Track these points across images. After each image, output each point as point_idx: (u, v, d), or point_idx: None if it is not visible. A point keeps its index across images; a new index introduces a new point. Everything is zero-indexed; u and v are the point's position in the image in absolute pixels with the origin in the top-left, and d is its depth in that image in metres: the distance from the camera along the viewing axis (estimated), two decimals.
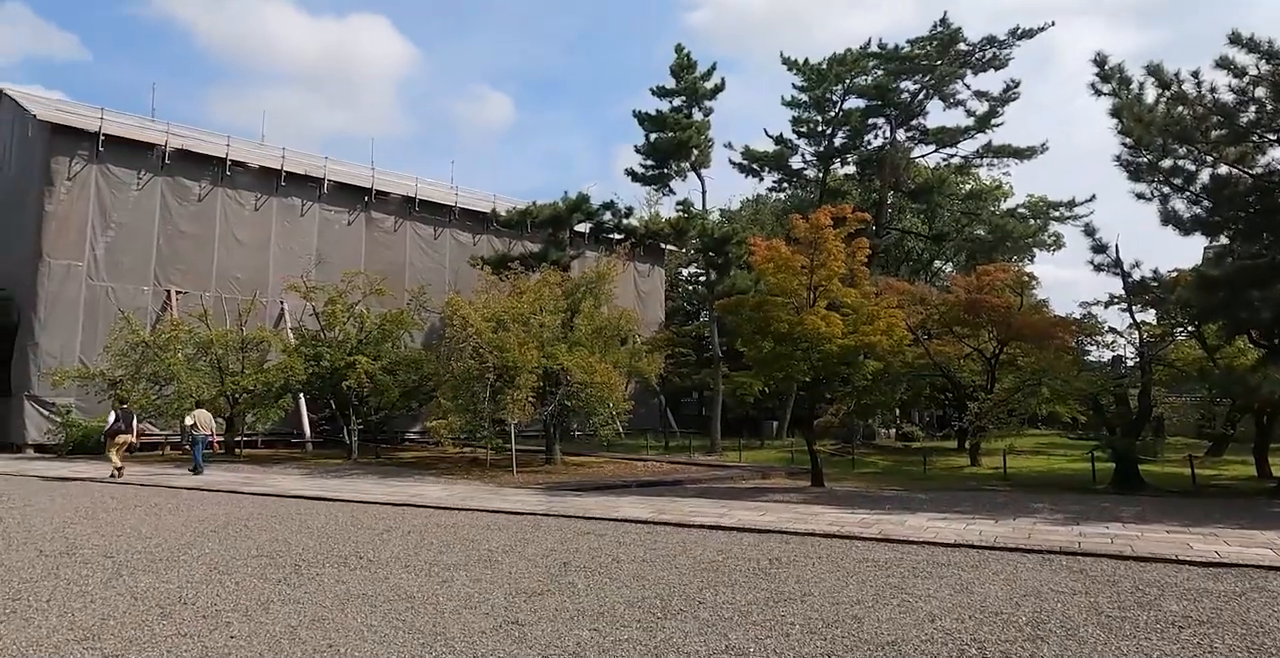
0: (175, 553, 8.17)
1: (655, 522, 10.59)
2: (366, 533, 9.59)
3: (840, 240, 14.96)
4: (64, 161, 25.46)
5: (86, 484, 15.06)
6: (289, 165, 29.70)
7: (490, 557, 8.17)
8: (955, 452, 25.72)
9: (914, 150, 34.43)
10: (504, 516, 11.32)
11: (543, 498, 13.21)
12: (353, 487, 14.88)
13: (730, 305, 15.82)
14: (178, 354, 22.47)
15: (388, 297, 24.87)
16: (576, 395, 20.12)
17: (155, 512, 11.24)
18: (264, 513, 11.27)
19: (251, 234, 28.87)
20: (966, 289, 22.08)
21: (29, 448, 23.88)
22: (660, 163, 28.71)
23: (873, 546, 9.03)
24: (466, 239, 34.27)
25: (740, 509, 11.85)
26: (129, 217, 26.39)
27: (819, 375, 15.51)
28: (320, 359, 21.69)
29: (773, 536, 9.68)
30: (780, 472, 20.16)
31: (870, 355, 15.44)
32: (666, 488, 16.04)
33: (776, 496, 14.35)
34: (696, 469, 20.84)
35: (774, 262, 14.83)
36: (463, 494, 13.70)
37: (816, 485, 15.87)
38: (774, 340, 14.84)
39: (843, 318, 14.83)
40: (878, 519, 10.84)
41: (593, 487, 15.59)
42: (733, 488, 16.16)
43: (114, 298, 25.58)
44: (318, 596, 6.44)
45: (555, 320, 20.05)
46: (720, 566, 7.80)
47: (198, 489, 14.29)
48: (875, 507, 12.60)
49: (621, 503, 12.50)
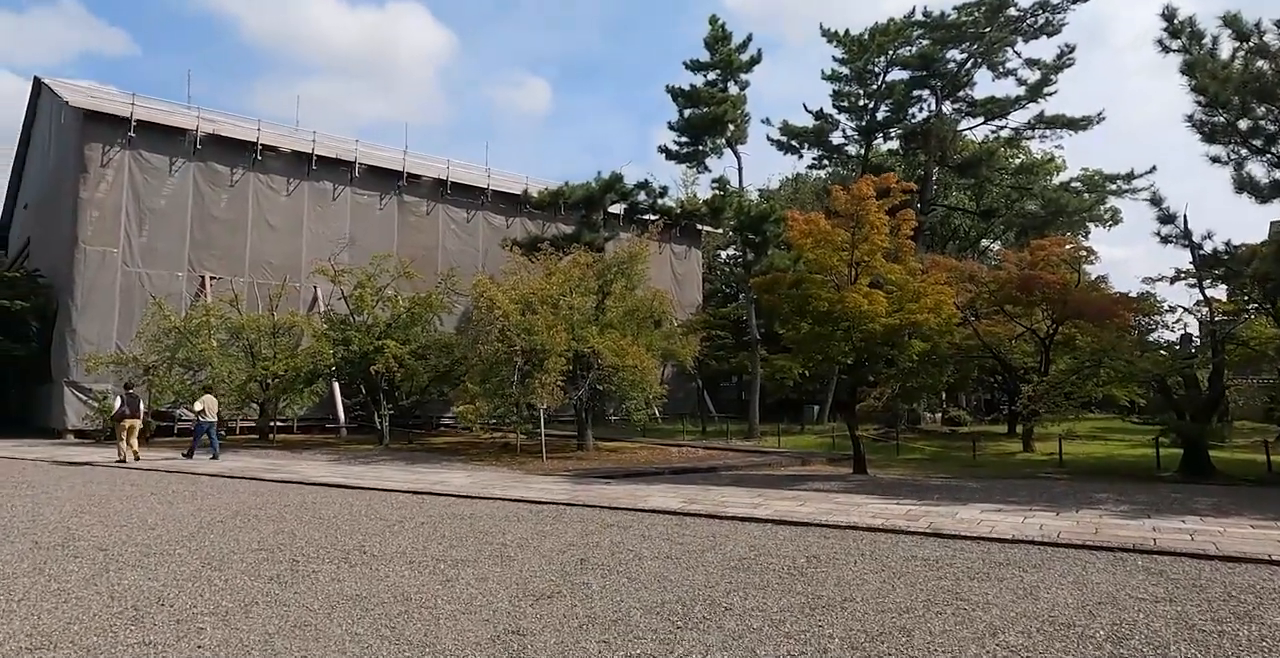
0: (172, 546, 7.73)
1: (684, 513, 9.92)
2: (378, 524, 9.08)
3: (883, 213, 14.01)
4: (97, 148, 25.47)
5: (111, 470, 14.89)
6: (320, 149, 29.45)
7: (503, 552, 7.57)
8: (1005, 437, 24.59)
9: (961, 123, 32.94)
10: (526, 505, 10.75)
11: (569, 486, 12.63)
12: (376, 473, 14.48)
13: (766, 284, 14.99)
14: (210, 340, 22.38)
15: (420, 280, 24.51)
16: (608, 379, 19.50)
17: (169, 500, 10.90)
18: (278, 502, 10.86)
19: (284, 219, 28.73)
20: (1019, 265, 20.86)
21: (69, 433, 24.06)
22: (694, 139, 27.82)
23: (921, 541, 8.24)
24: (499, 222, 33.81)
25: (777, 499, 11.12)
26: (162, 203, 26.38)
27: (861, 357, 14.63)
28: (349, 343, 21.38)
29: (811, 529, 8.94)
30: (821, 458, 19.35)
31: (916, 335, 14.52)
32: (700, 475, 15.36)
33: (816, 484, 13.58)
34: (733, 455, 20.12)
35: (812, 236, 13.95)
36: (487, 482, 13.19)
37: (859, 473, 15.05)
38: (813, 320, 14.01)
39: (886, 296, 13.92)
40: (926, 511, 10.03)
41: (623, 474, 14.98)
42: (770, 475, 15.42)
43: (149, 284, 25.62)
44: (307, 597, 5.90)
45: (586, 302, 19.41)
46: (751, 564, 7.10)
47: (219, 476, 14.00)
48: (922, 496, 11.77)
49: (651, 492, 11.85)
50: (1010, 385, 24.62)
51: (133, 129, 25.74)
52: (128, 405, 16.62)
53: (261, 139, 28.21)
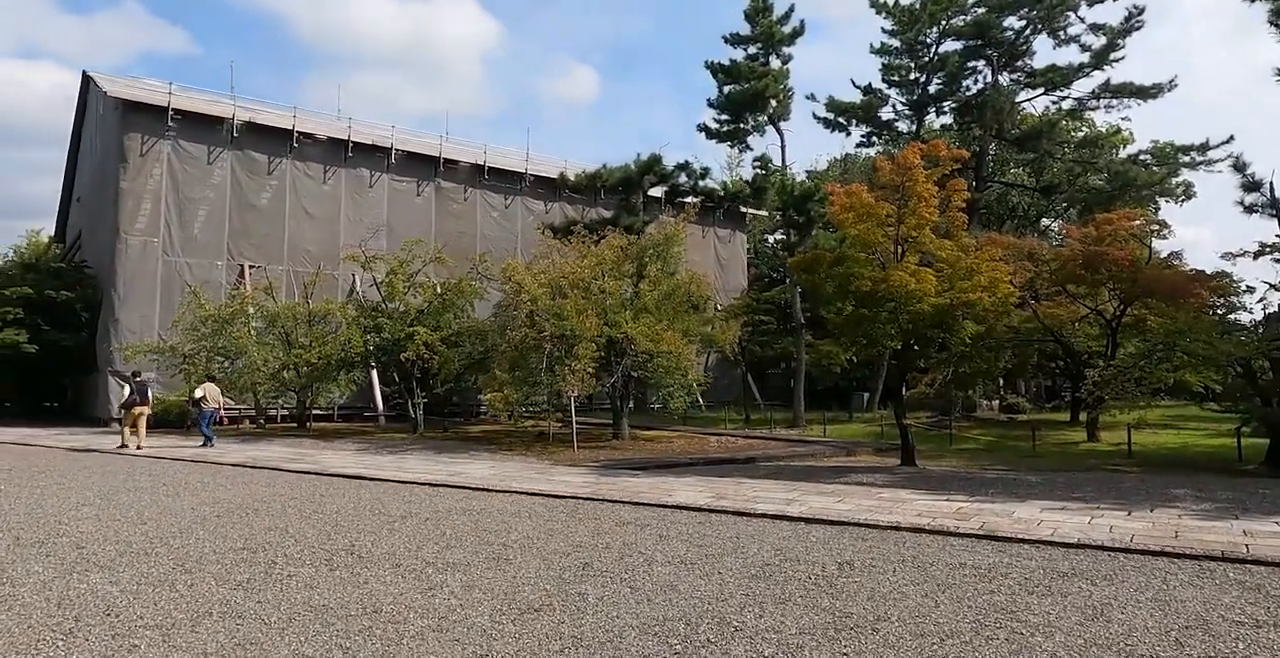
0: (154, 544, 7.24)
1: (710, 509, 9.13)
2: (379, 520, 8.50)
3: (932, 184, 12.91)
4: (137, 138, 25.56)
5: (132, 460, 14.70)
6: (356, 136, 29.22)
7: (502, 554, 6.90)
8: (1068, 425, 23.17)
9: (1019, 94, 31.14)
10: (542, 499, 10.08)
11: (593, 479, 11.93)
12: (398, 464, 13.99)
13: (805, 263, 14.00)
14: (245, 328, 22.27)
15: (455, 266, 24.09)
16: (643, 366, 18.76)
17: (176, 492, 10.52)
18: (287, 494, 10.38)
19: (321, 207, 28.59)
20: (1083, 241, 19.39)
21: (114, 422, 24.27)
22: (735, 116, 26.79)
23: (972, 545, 7.31)
24: (538, 207, 33.25)
25: (813, 494, 10.25)
26: (201, 192, 26.40)
27: (909, 340, 13.59)
28: (380, 331, 21.02)
29: (847, 529, 8.07)
30: (867, 448, 18.33)
31: (969, 317, 13.42)
32: (736, 467, 14.53)
33: (859, 476, 12.64)
34: (775, 445, 19.22)
35: (854, 211, 12.93)
36: (509, 473, 12.57)
37: (907, 465, 14.05)
38: (855, 302, 13.02)
39: (935, 274, 12.85)
40: (978, 508, 9.05)
41: (654, 465, 14.24)
42: (811, 467, 14.51)
43: (189, 273, 25.69)
44: (269, 607, 5.29)
45: (620, 286, 18.66)
46: (775, 572, 6.29)
47: (241, 466, 13.67)
48: (975, 492, 10.77)
49: (678, 485, 11.09)
50: (1073, 371, 23.17)
51: (171, 118, 25.77)
52: (137, 393, 16.61)
53: (298, 127, 28.05)
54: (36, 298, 25.49)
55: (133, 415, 16.49)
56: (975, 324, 13.69)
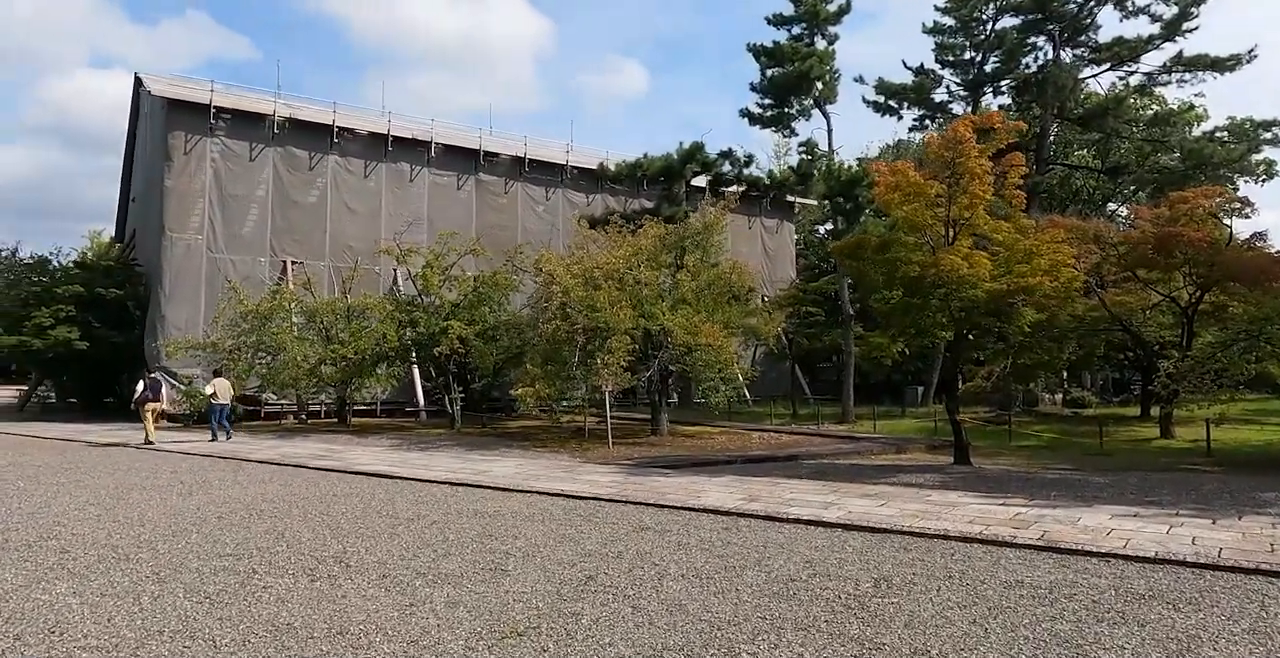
0: (141, 549, 6.83)
1: (739, 513, 8.41)
2: (384, 523, 7.99)
3: (985, 159, 11.89)
4: (180, 136, 25.77)
5: (161, 456, 14.56)
6: (396, 130, 29.09)
7: (501, 563, 6.30)
8: (1138, 421, 21.77)
9: (1082, 70, 29.45)
10: (562, 500, 9.48)
11: (620, 478, 11.30)
12: (425, 461, 13.56)
13: (848, 248, 13.08)
14: (285, 323, 22.23)
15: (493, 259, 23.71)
16: (681, 360, 18.06)
17: (189, 492, 10.21)
18: (300, 494, 9.99)
19: (362, 202, 28.54)
20: (1154, 223, 17.98)
21: (162, 418, 24.55)
22: (779, 100, 25.79)
23: (1030, 558, 6.46)
24: (580, 199, 32.76)
25: (855, 496, 9.43)
26: (245, 189, 26.54)
27: (962, 330, 12.62)
28: (416, 325, 20.71)
29: (889, 538, 7.28)
30: (919, 445, 17.34)
31: (1027, 304, 12.37)
32: (777, 465, 13.74)
33: (907, 476, 11.76)
34: (820, 441, 18.35)
35: (900, 190, 11.99)
36: (534, 472, 12.02)
37: (960, 464, 13.09)
38: (903, 288, 12.10)
39: (991, 258, 11.85)
40: (1039, 515, 8.14)
41: (688, 463, 13.54)
42: (856, 466, 13.64)
43: (233, 270, 25.83)
44: (228, 625, 4.77)
45: (656, 277, 17.96)
46: (801, 589, 5.56)
47: (267, 463, 13.40)
48: (1035, 494, 9.82)
49: (710, 486, 10.38)
50: (1144, 363, 21.70)
51: (213, 116, 25.94)
52: (150, 390, 16.94)
53: (338, 122, 28.05)
54: (88, 296, 25.90)
55: (146, 410, 16.70)
56: (1035, 312, 12.63)
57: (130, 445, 16.40)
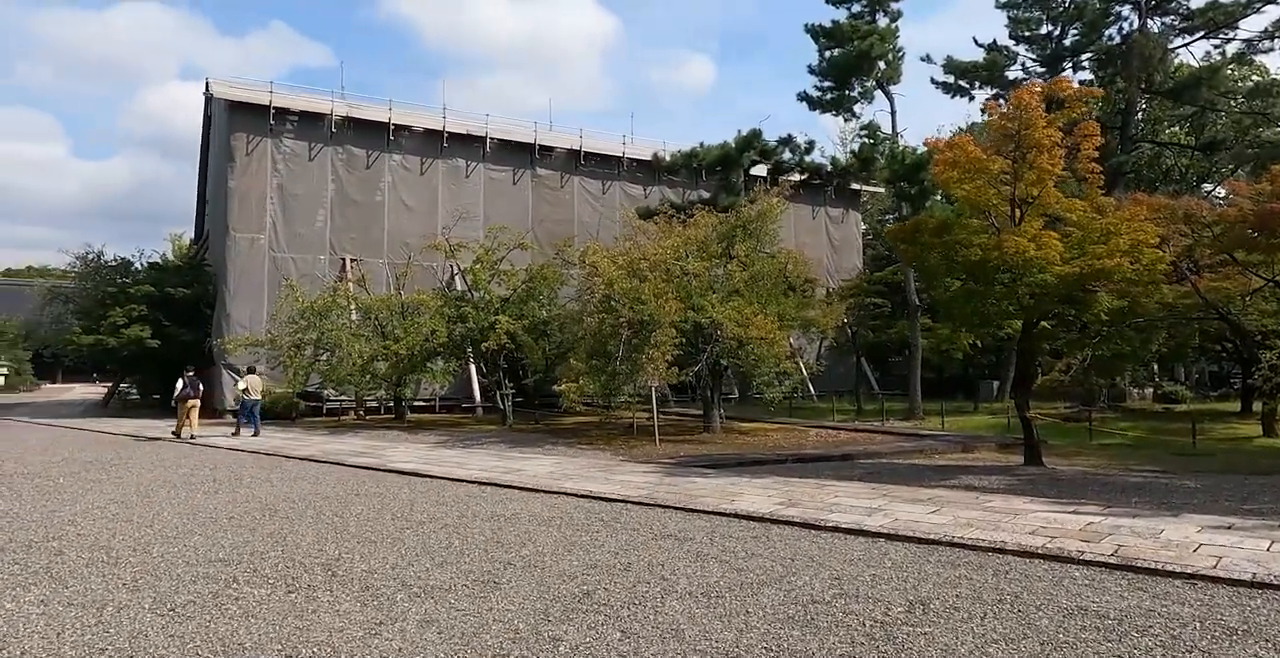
0: (135, 552, 6.57)
1: (773, 520, 7.71)
2: (392, 527, 7.59)
3: (1055, 130, 10.78)
4: (242, 138, 26.25)
5: (212, 451, 14.61)
6: (451, 126, 29.06)
7: (497, 575, 5.78)
8: (1237, 417, 20.02)
9: (1172, 39, 27.31)
10: (588, 502, 8.94)
11: (655, 478, 10.69)
12: (462, 459, 13.22)
13: (904, 232, 12.11)
14: (340, 320, 22.36)
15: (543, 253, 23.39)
16: (732, 353, 17.32)
17: (216, 490, 10.05)
18: (323, 493, 9.71)
19: (419, 199, 28.63)
20: (1254, 199, 16.32)
21: (228, 414, 25.07)
22: (839, 82, 24.63)
23: (1099, 579, 5.59)
24: (637, 191, 32.23)
25: (905, 501, 8.60)
26: (304, 188, 26.88)
27: (1032, 319, 11.53)
28: (465, 320, 20.51)
29: (936, 550, 6.48)
30: (989, 443, 16.20)
31: (1106, 289, 11.21)
32: (829, 465, 12.90)
33: (969, 478, 10.80)
34: (882, 439, 17.35)
35: (959, 167, 11.00)
36: (568, 471, 11.51)
37: (1031, 465, 12.02)
38: (965, 274, 11.11)
39: (1063, 239, 10.76)
40: (1114, 525, 7.19)
41: (734, 462, 12.82)
42: (915, 466, 12.69)
43: (294, 268, 26.21)
44: (175, 643, 4.37)
45: (706, 267, 17.26)
46: (822, 613, 4.86)
47: (308, 460, 13.27)
48: (1113, 500, 8.80)
49: (749, 488, 9.68)
50: (1244, 354, 19.89)
51: (273, 117, 26.33)
52: (190, 387, 17.41)
53: (395, 120, 28.18)
54: (159, 296, 26.67)
55: (185, 407, 17.18)
56: (1114, 299, 11.45)
57: (187, 441, 16.61)
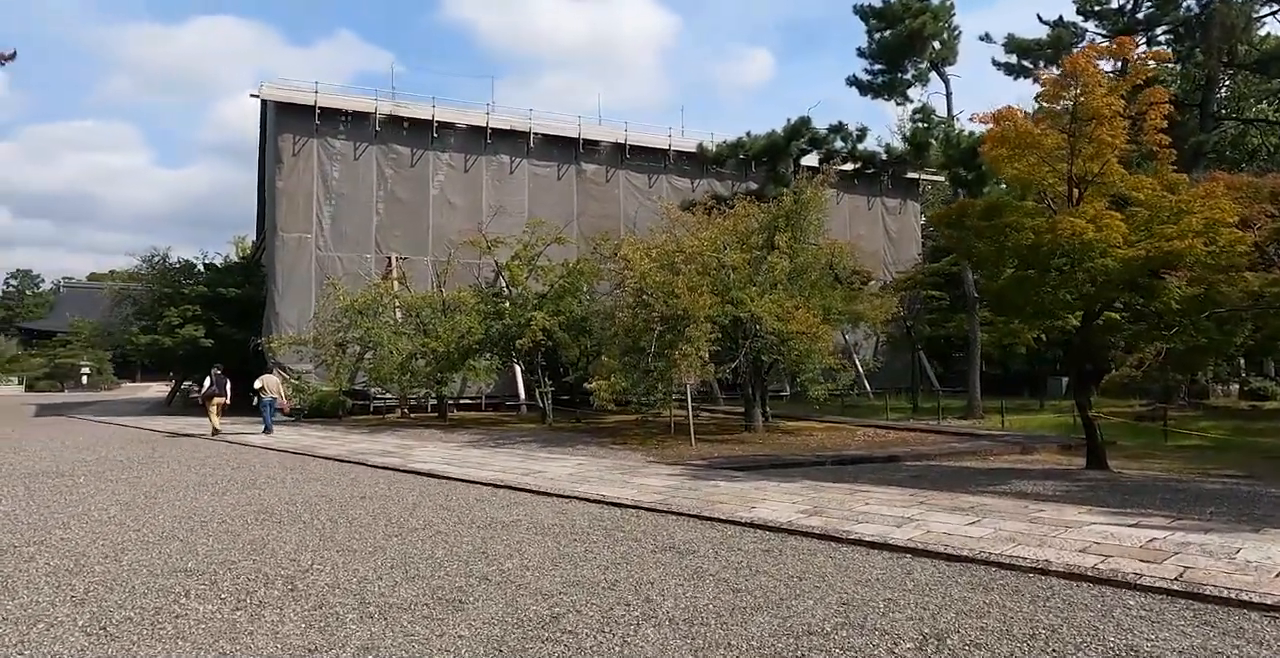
0: (104, 560, 6.26)
1: (792, 530, 7.01)
2: (379, 534, 7.15)
3: (1117, 98, 9.73)
4: (289, 138, 26.50)
5: (241, 450, 14.53)
6: (495, 122, 28.87)
7: (467, 593, 5.25)
8: None
9: (1257, 8, 25.31)
10: (597, 508, 8.37)
11: (678, 481, 10.05)
12: (485, 460, 12.79)
13: (948, 216, 11.14)
14: (380, 318, 22.29)
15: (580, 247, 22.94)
16: (774, 349, 16.54)
17: (223, 491, 9.81)
18: (330, 496, 9.37)
19: (463, 196, 28.51)
20: None
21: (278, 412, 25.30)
22: (891, 65, 23.52)
23: (1158, 609, 4.76)
24: (684, 184, 31.53)
25: (943, 510, 7.78)
26: (349, 187, 27.00)
27: (1093, 308, 10.49)
28: (501, 317, 20.17)
29: (967, 569, 5.71)
30: (1051, 444, 15.07)
31: (1177, 274, 10.10)
32: (871, 467, 12.06)
33: (1022, 484, 9.86)
34: (934, 439, 16.35)
35: (1008, 144, 10.04)
36: (590, 473, 10.96)
37: (1094, 468, 10.99)
38: (1016, 260, 10.15)
39: (1127, 219, 9.72)
40: (1182, 542, 6.28)
41: (769, 464, 12.08)
42: (963, 470, 11.75)
43: (341, 267, 26.34)
44: None
45: (744, 259, 16.50)
46: (816, 648, 4.18)
47: (332, 460, 13.04)
48: (1184, 511, 7.81)
49: (774, 494, 8.96)
50: None
51: (318, 117, 26.48)
52: (216, 385, 17.77)
53: (438, 117, 28.10)
54: (211, 296, 27.16)
55: (212, 405, 17.66)
56: (1189, 286, 10.32)
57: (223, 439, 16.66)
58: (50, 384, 52.88)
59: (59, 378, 53.78)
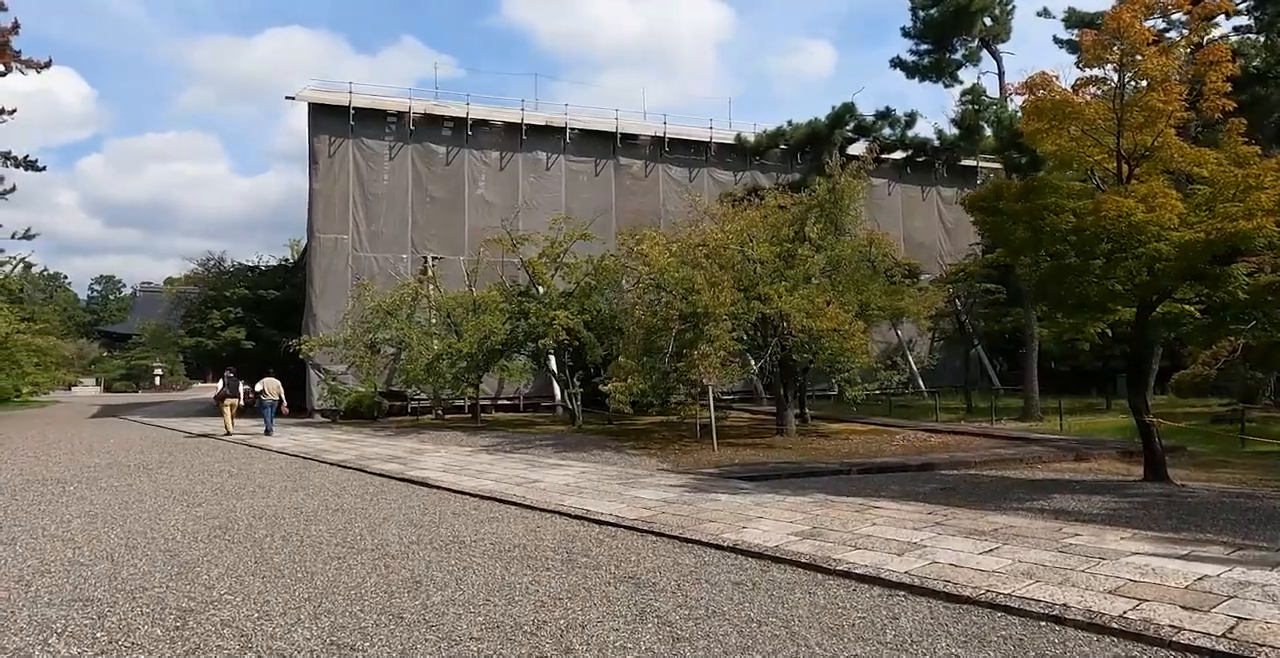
0: (13, 586, 5.79)
1: (776, 557, 6.15)
2: (320, 557, 6.54)
3: (1170, 57, 8.48)
4: (325, 139, 26.45)
5: (252, 453, 14.22)
6: (530, 118, 28.39)
7: (365, 638, 4.57)
8: None
9: None
10: (575, 525, 7.63)
11: (677, 494, 9.21)
12: (487, 468, 12.14)
13: (983, 198, 9.97)
14: (406, 319, 22.00)
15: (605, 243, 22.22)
16: (805, 347, 15.54)
17: (201, 502, 9.40)
18: (297, 509, 8.86)
19: (499, 194, 28.09)
20: None
21: (316, 413, 25.32)
22: (938, 44, 22.13)
23: None
24: (726, 178, 30.48)
25: (960, 533, 6.78)
26: (384, 187, 26.84)
27: (1149, 299, 9.25)
28: (527, 316, 19.59)
29: (968, 613, 4.77)
30: (1110, 450, 13.71)
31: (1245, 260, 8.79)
32: (901, 476, 11.01)
33: (1064, 499, 8.71)
34: (981, 443, 15.11)
35: (1045, 115, 8.87)
36: (587, 483, 10.20)
37: (1152, 480, 9.75)
38: (1056, 246, 9.00)
39: (1185, 199, 8.48)
40: (1239, 582, 5.19)
41: (787, 473, 11.12)
42: (1005, 480, 10.60)
43: (377, 268, 26.21)
44: None
45: (773, 253, 15.53)
46: None
47: (337, 465, 12.62)
48: (1250, 536, 6.65)
49: (774, 509, 8.06)
50: None
51: (353, 117, 26.39)
52: (228, 387, 18.22)
53: (472, 114, 27.75)
54: (252, 298, 27.37)
55: (225, 406, 18.12)
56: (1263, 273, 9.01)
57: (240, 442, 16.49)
58: (126, 385, 54.78)
59: (135, 379, 55.72)
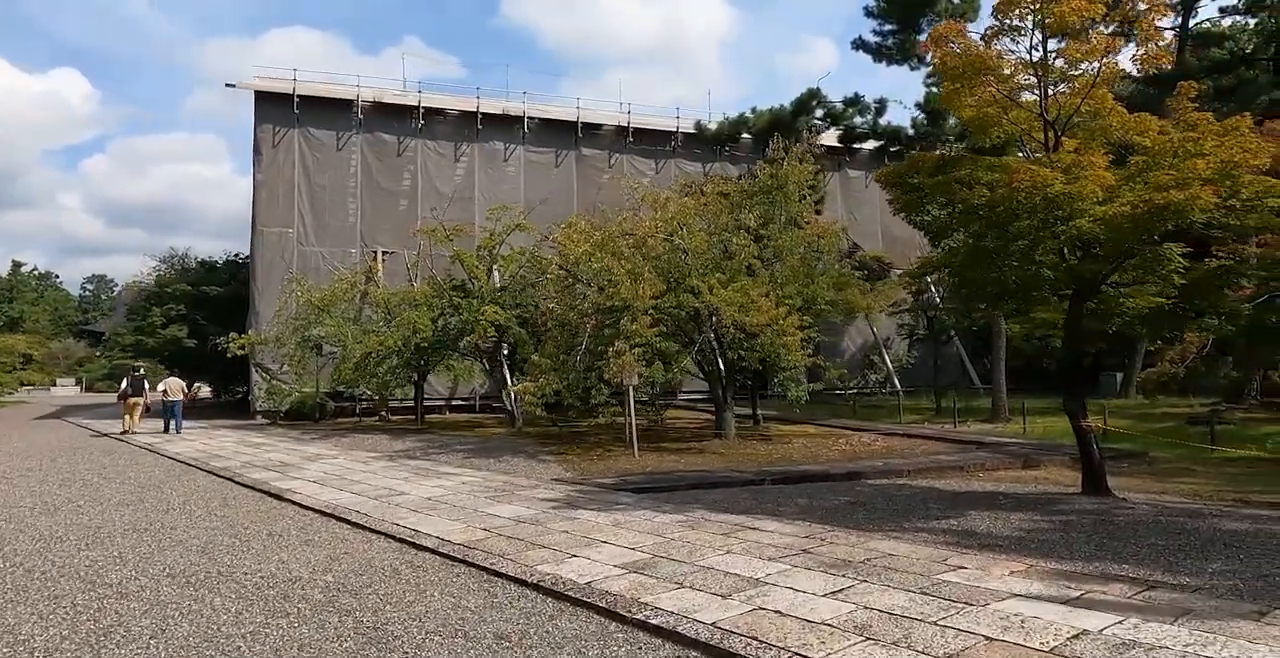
0: None
1: (575, 599, 4.98)
2: (39, 597, 5.39)
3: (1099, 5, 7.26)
4: (269, 129, 25.35)
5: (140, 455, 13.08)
6: (486, 107, 27.23)
7: None
8: None
9: None
10: (391, 550, 6.47)
11: (541, 510, 8.01)
12: (367, 478, 10.98)
13: (894, 175, 8.66)
14: (352, 315, 20.88)
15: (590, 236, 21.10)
16: (740, 344, 14.36)
17: (22, 516, 8.25)
18: (104, 526, 7.70)
19: (453, 186, 26.95)
20: None
21: (258, 415, 24.13)
22: (904, 22, 20.89)
23: None
24: (694, 168, 29.27)
25: (818, 567, 5.60)
26: (332, 178, 25.71)
27: (1082, 285, 8.04)
28: (459, 312, 18.44)
29: None
30: (1064, 456, 12.44)
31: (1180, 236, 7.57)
32: (819, 487, 9.80)
33: (981, 516, 7.51)
34: (930, 448, 13.96)
35: (959, 75, 7.65)
36: (454, 498, 9.01)
37: (1090, 493, 8.55)
38: (972, 224, 7.80)
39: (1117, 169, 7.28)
40: (1128, 640, 3.99)
41: (685, 484, 9.89)
42: (928, 491, 9.38)
43: (324, 262, 25.07)
44: None
45: (704, 242, 14.36)
46: None
47: (214, 474, 11.48)
48: (1170, 571, 5.45)
49: (629, 532, 6.89)
50: None
51: (297, 106, 25.25)
52: (131, 386, 17.92)
53: (424, 103, 26.62)
54: (195, 294, 26.26)
55: (128, 405, 17.90)
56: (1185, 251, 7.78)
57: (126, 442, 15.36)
58: (108, 384, 53.89)
59: (117, 379, 54.83)
